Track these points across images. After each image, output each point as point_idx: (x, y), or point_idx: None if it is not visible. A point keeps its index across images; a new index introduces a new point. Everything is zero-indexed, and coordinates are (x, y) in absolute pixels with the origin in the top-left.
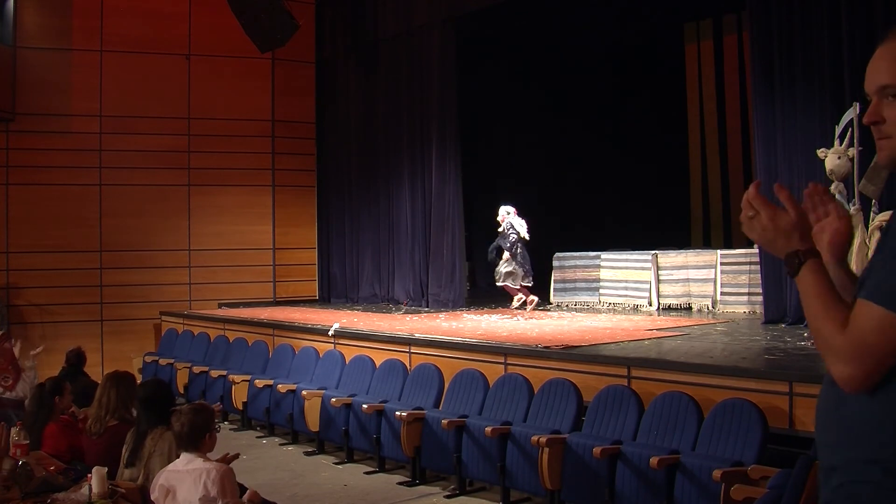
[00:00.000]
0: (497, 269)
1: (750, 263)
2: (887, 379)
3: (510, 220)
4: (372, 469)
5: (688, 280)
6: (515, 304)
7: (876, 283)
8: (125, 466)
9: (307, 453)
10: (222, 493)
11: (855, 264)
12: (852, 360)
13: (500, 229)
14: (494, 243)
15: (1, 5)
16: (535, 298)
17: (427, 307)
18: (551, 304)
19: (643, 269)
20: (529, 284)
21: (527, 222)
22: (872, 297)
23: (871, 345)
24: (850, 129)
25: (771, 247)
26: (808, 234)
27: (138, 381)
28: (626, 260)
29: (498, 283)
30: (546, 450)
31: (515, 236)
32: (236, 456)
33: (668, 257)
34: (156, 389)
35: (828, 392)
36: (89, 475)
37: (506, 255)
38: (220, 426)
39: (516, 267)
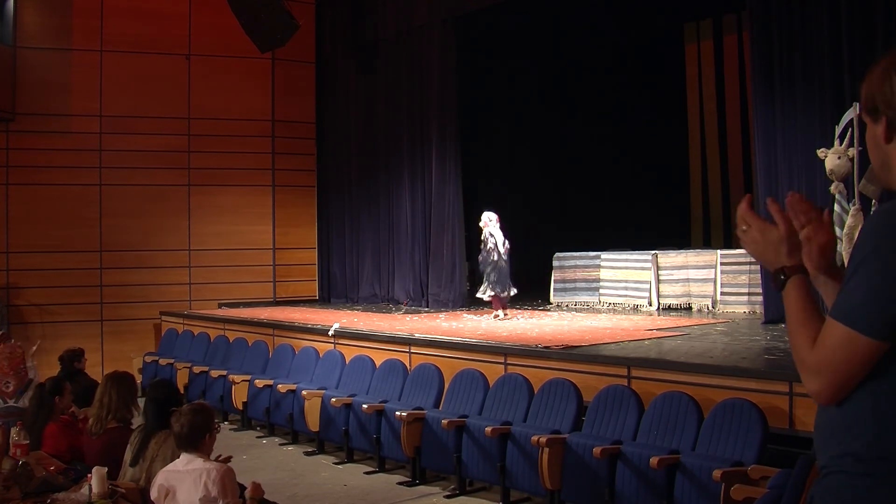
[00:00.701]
0: (483, 285)
1: (750, 263)
2: (857, 385)
3: (490, 229)
4: (372, 469)
5: (688, 280)
6: (501, 314)
7: (839, 302)
8: (130, 465)
9: (307, 453)
10: (223, 493)
11: None
12: (819, 375)
13: (483, 237)
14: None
15: (1, 5)
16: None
17: (427, 307)
18: (551, 303)
19: (643, 269)
20: (502, 294)
21: (526, 222)
22: (836, 316)
23: (836, 361)
24: (850, 129)
25: (762, 259)
26: (796, 248)
27: (139, 382)
28: (626, 260)
29: (488, 296)
30: (546, 450)
31: (493, 247)
32: (229, 458)
33: (668, 257)
34: (166, 390)
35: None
36: (89, 475)
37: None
38: (219, 426)
39: (495, 276)
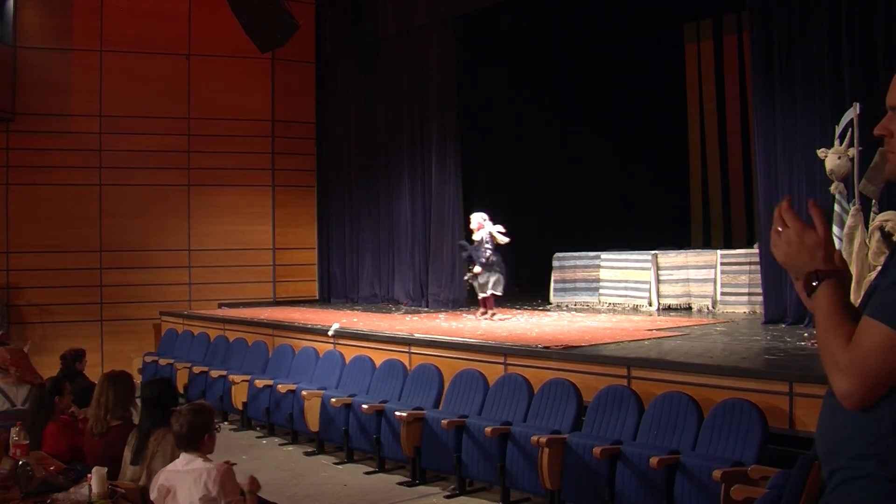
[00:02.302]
0: (480, 282)
1: (750, 263)
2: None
3: (489, 228)
4: (372, 469)
5: (688, 280)
6: (480, 315)
7: (882, 302)
8: (130, 464)
9: (307, 453)
10: (223, 492)
11: (854, 265)
12: (855, 375)
13: (478, 238)
14: (467, 252)
15: (1, 5)
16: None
17: (427, 307)
18: (551, 303)
19: (643, 269)
20: (499, 294)
21: (526, 222)
22: (878, 316)
23: (875, 362)
24: (850, 129)
25: (793, 262)
26: (831, 254)
27: (138, 381)
28: (626, 260)
29: (485, 294)
30: (546, 450)
31: (491, 249)
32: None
33: (668, 257)
34: (160, 389)
35: (826, 402)
36: (89, 475)
37: (477, 267)
38: (220, 426)
39: (500, 276)
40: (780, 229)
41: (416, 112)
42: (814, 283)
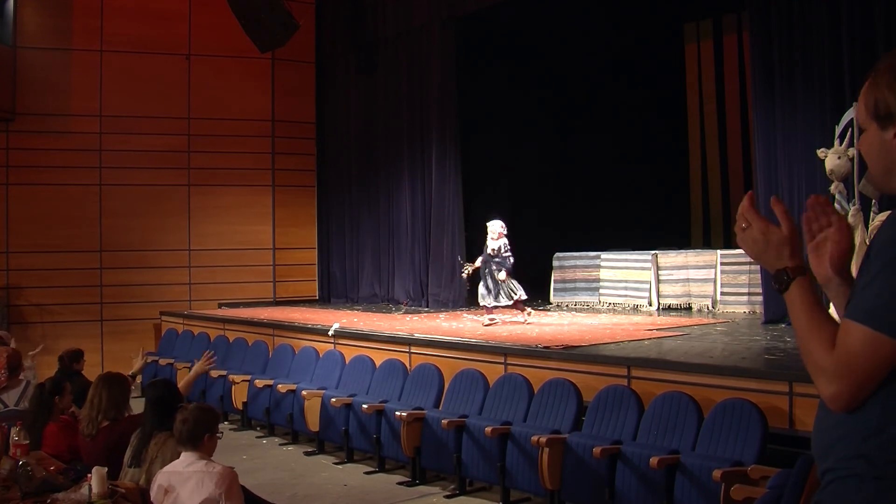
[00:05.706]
0: (506, 290)
1: (750, 263)
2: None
3: (506, 239)
4: (372, 469)
5: (688, 280)
6: (486, 320)
7: (861, 303)
8: (128, 466)
9: (307, 453)
10: (227, 495)
11: (855, 266)
12: (839, 379)
13: (496, 246)
14: (490, 266)
15: (1, 5)
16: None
17: (427, 307)
18: (551, 303)
19: (643, 269)
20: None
21: (526, 222)
22: (857, 317)
23: (858, 364)
24: (849, 129)
25: (761, 260)
26: (798, 250)
27: (139, 381)
28: (626, 260)
29: (517, 297)
30: (546, 450)
31: (511, 257)
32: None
33: (668, 257)
34: (165, 390)
35: (821, 403)
36: (89, 475)
37: (502, 273)
38: (221, 433)
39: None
40: (743, 226)
41: (416, 112)
42: (785, 280)
